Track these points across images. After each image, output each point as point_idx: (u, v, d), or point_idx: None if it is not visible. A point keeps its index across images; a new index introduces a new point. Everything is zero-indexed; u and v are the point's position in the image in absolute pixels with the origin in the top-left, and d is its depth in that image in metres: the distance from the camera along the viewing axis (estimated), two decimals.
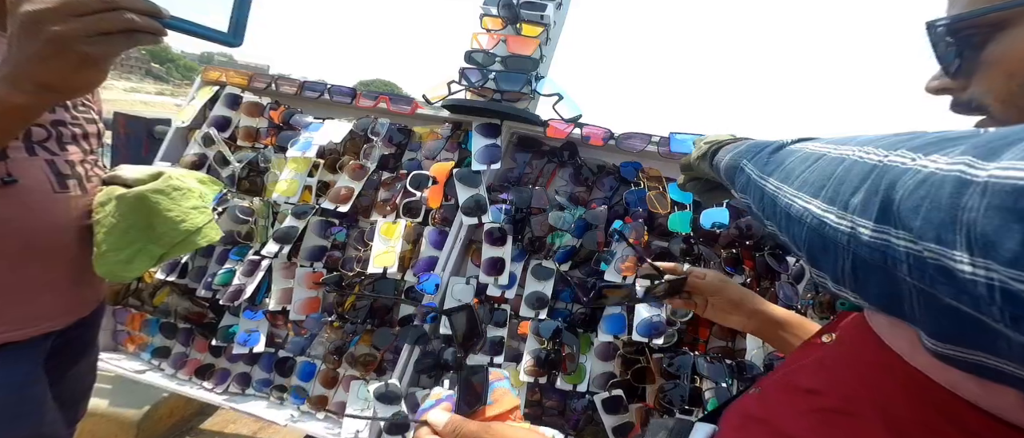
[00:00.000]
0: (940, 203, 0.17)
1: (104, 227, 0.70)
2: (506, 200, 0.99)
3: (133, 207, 0.72)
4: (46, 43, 0.37)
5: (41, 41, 0.37)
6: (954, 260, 0.16)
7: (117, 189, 0.72)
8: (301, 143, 1.08)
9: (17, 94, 0.40)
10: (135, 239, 0.72)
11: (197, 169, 1.15)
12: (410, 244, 1.05)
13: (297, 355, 1.13)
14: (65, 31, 0.37)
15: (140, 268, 0.73)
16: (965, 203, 0.16)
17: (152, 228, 0.74)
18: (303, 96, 1.13)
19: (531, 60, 0.90)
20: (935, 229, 0.17)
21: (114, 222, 0.70)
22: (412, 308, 1.05)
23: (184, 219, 0.77)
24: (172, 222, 0.75)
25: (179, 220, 0.76)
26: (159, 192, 0.75)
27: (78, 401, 0.86)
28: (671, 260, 0.91)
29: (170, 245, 0.76)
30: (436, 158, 1.04)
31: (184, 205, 0.78)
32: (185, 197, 0.78)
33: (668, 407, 0.91)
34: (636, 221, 0.90)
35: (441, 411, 0.42)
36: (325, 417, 1.12)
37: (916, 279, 0.18)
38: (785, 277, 0.84)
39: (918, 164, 0.19)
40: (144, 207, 0.73)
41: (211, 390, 1.14)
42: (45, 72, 0.39)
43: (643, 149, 0.91)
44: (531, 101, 0.95)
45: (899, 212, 0.19)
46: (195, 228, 0.78)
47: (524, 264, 1.00)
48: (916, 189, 0.18)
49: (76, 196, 0.69)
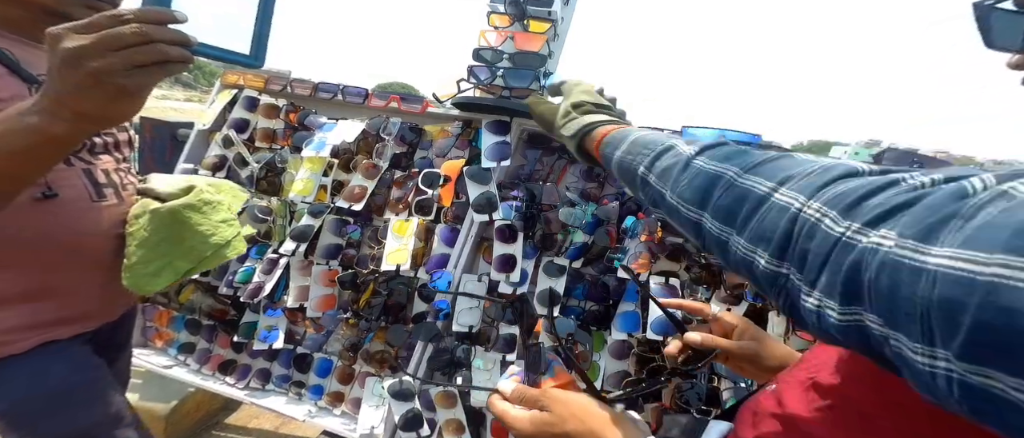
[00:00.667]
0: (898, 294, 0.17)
1: (136, 239, 0.72)
2: (517, 197, 0.98)
3: (165, 222, 0.73)
4: (86, 76, 0.39)
5: (81, 75, 0.39)
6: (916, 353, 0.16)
7: (152, 202, 0.74)
8: (315, 143, 1.10)
9: (57, 123, 0.42)
10: (164, 253, 0.74)
11: (218, 170, 1.19)
12: (422, 242, 1.06)
13: (314, 352, 1.15)
14: (103, 66, 0.39)
15: (165, 281, 0.75)
16: (919, 294, 0.16)
17: (182, 242, 0.75)
18: (317, 97, 1.15)
19: (539, 56, 0.89)
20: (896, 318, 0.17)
21: (145, 235, 0.72)
22: (425, 305, 1.06)
23: (214, 233, 0.78)
24: (202, 236, 0.76)
25: (209, 234, 0.77)
26: (191, 207, 0.76)
27: None
28: (685, 256, 0.89)
29: (198, 260, 0.77)
30: (447, 156, 1.05)
31: (214, 219, 0.79)
32: (215, 210, 0.80)
33: (685, 407, 0.89)
34: (649, 217, 0.88)
35: (510, 380, 0.48)
36: (342, 413, 1.14)
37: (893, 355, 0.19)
38: None
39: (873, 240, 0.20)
40: (176, 222, 0.75)
41: (233, 385, 1.18)
42: (84, 103, 0.41)
43: None
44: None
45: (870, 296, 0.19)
46: (224, 241, 0.79)
47: (536, 261, 1.00)
48: (879, 276, 0.19)
49: (113, 205, 0.71)
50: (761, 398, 0.39)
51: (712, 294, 0.87)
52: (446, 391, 1.04)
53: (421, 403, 1.04)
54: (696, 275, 0.90)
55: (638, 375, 0.94)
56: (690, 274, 0.90)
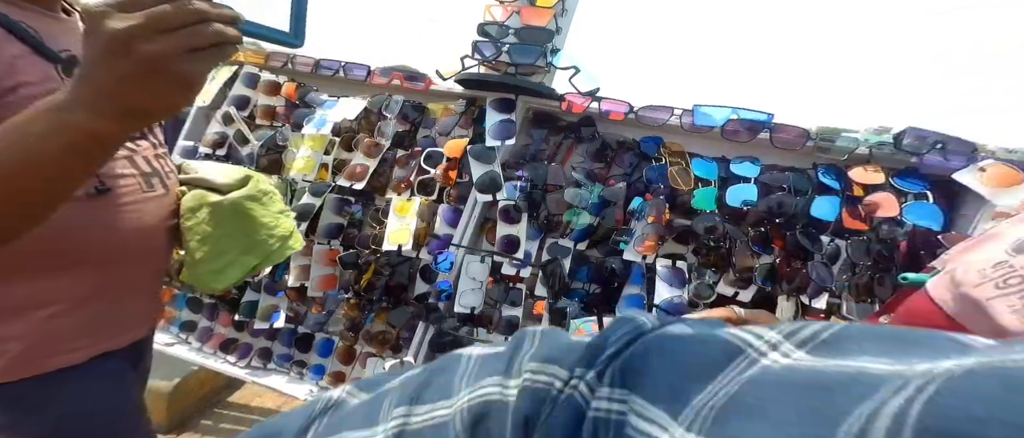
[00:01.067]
0: None
1: (197, 235, 0.66)
2: (521, 177, 0.96)
3: (228, 215, 0.68)
4: (138, 64, 0.33)
5: (132, 62, 0.33)
6: None
7: (209, 195, 0.68)
8: (316, 120, 1.08)
9: (101, 120, 0.35)
10: (229, 248, 0.69)
11: (218, 147, 1.17)
12: (425, 222, 1.05)
13: (316, 331, 1.15)
14: (157, 50, 0.33)
15: (232, 279, 0.70)
16: None
17: (247, 237, 0.70)
18: (318, 74, 1.13)
19: (546, 31, 0.86)
20: None
21: (209, 231, 0.66)
22: (427, 286, 1.05)
23: (276, 225, 0.73)
24: (267, 228, 0.71)
25: (272, 226, 0.72)
26: (253, 198, 0.71)
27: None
28: (694, 239, 0.87)
29: (265, 254, 0.72)
30: (450, 135, 1.03)
31: (273, 210, 0.74)
32: (273, 201, 0.75)
33: None
34: (657, 198, 0.86)
35: None
36: None
37: None
38: (818, 257, 0.79)
39: None
40: (239, 215, 0.69)
41: (235, 364, 1.18)
42: (135, 95, 0.34)
43: (665, 122, 0.86)
44: (547, 75, 0.91)
45: None
46: (287, 233, 0.74)
47: (540, 242, 0.98)
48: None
49: (160, 195, 0.64)
50: None
51: (720, 277, 0.86)
52: None
53: None
54: (704, 258, 0.88)
55: None
56: (698, 257, 0.89)
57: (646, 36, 1.89)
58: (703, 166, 0.84)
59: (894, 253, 0.75)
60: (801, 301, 0.82)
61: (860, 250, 0.78)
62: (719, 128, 0.82)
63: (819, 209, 0.77)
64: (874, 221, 0.76)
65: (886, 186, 0.75)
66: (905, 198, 0.75)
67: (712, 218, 0.83)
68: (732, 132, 0.82)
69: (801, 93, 1.11)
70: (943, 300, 0.27)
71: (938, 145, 0.71)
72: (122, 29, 0.32)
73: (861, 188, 0.76)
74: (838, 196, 0.77)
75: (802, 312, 0.83)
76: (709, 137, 0.86)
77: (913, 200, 0.74)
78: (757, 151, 0.84)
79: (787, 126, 0.80)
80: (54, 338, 0.56)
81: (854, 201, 0.76)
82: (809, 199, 0.78)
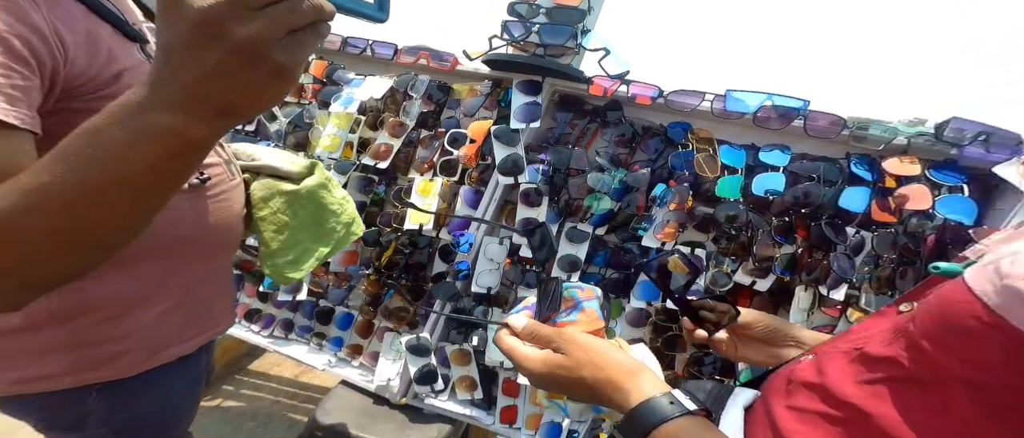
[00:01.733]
0: None
1: (273, 225, 0.64)
2: (544, 160, 0.97)
3: (305, 205, 0.67)
4: (231, 52, 0.27)
5: (223, 49, 0.27)
6: None
7: (280, 184, 0.66)
8: (343, 99, 1.09)
9: (192, 123, 0.29)
10: (302, 238, 0.68)
11: (247, 124, 1.20)
12: (446, 202, 1.06)
13: (336, 305, 1.19)
14: (256, 32, 0.27)
15: (307, 268, 0.69)
16: None
17: (319, 226, 0.69)
18: (346, 52, 1.14)
19: (578, 11, 0.86)
20: None
21: (286, 220, 0.65)
22: (445, 265, 1.07)
23: (342, 211, 0.72)
24: (335, 216, 0.70)
25: (340, 213, 0.71)
26: (323, 186, 0.69)
27: None
28: (716, 227, 0.87)
29: (335, 242, 0.71)
30: (474, 116, 1.03)
31: (338, 195, 0.73)
32: (335, 187, 0.73)
33: (698, 376, 0.89)
34: (681, 185, 0.86)
35: (521, 316, 0.44)
36: (359, 365, 1.18)
37: None
38: (842, 248, 0.78)
39: None
40: (315, 204, 0.68)
41: (258, 333, 1.23)
42: (231, 91, 0.29)
43: (695, 108, 0.85)
44: (575, 57, 0.91)
45: None
46: (351, 220, 0.73)
47: (559, 226, 0.99)
48: None
49: (238, 183, 0.61)
50: (796, 368, 0.38)
51: (739, 266, 0.86)
52: (462, 349, 1.06)
53: (437, 359, 1.06)
54: (723, 246, 0.88)
55: (653, 343, 0.94)
56: (718, 245, 0.89)
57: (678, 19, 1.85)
58: (731, 153, 0.83)
59: (920, 247, 0.74)
60: (819, 292, 0.82)
61: (886, 242, 0.77)
62: (751, 115, 0.81)
63: (848, 200, 0.76)
64: (903, 213, 0.75)
65: (921, 178, 0.73)
66: (938, 191, 0.73)
67: (735, 206, 0.83)
68: (764, 119, 0.81)
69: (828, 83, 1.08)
70: (984, 291, 0.27)
71: (982, 137, 0.69)
72: (209, 8, 0.26)
73: (894, 180, 0.75)
74: (869, 187, 0.76)
75: (819, 303, 0.83)
76: (739, 124, 0.85)
77: (947, 193, 0.73)
78: (788, 139, 0.83)
79: (822, 113, 0.78)
80: (167, 332, 0.56)
81: (885, 193, 0.75)
82: (838, 190, 0.77)
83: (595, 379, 0.37)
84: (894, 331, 0.32)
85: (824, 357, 0.36)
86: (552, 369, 0.39)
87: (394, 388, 1.06)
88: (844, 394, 0.31)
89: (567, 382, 0.38)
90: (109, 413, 0.54)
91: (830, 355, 0.35)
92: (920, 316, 0.30)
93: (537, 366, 0.39)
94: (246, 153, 0.68)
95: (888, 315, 0.36)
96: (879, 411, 0.29)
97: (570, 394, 0.40)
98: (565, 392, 0.40)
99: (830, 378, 0.33)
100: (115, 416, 0.55)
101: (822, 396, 0.33)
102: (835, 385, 0.32)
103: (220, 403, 1.48)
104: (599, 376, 0.37)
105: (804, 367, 0.37)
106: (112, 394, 0.53)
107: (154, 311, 0.54)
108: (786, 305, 0.85)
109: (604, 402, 0.37)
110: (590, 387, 0.37)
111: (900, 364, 0.29)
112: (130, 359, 0.53)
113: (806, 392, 0.34)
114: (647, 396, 0.34)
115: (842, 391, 0.31)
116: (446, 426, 1.03)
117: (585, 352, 0.38)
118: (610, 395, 0.36)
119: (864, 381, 0.31)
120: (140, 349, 0.54)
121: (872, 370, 0.31)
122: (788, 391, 0.36)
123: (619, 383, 0.36)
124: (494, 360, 1.03)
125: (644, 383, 0.36)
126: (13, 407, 0.53)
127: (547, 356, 0.39)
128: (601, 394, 0.37)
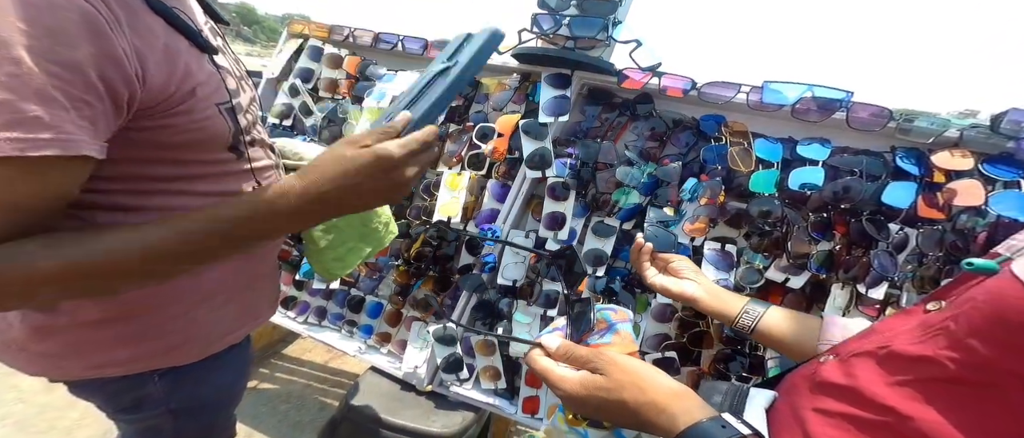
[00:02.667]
0: None
1: (322, 225, 0.66)
2: (572, 154, 0.97)
3: None
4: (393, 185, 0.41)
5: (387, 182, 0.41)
6: None
7: None
8: (376, 93, 1.13)
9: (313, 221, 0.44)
10: (347, 238, 0.69)
11: (285, 118, 1.26)
12: (473, 196, 1.08)
13: (367, 294, 1.23)
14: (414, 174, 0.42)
15: (351, 266, 0.71)
16: None
17: (364, 225, 0.71)
18: (378, 48, 1.17)
19: (610, 3, 0.85)
20: None
21: (333, 221, 0.66)
22: (472, 258, 1.09)
23: (381, 211, 0.73)
24: (377, 217, 0.71)
25: (380, 213, 0.72)
26: None
27: None
28: (748, 222, 0.85)
29: (377, 241, 0.72)
30: (503, 110, 1.04)
31: None
32: None
33: (725, 373, 0.88)
34: (714, 179, 0.84)
35: (555, 336, 0.43)
36: (388, 352, 1.22)
37: None
38: (884, 245, 0.75)
39: None
40: None
41: (294, 319, 1.29)
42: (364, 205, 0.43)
43: (730, 100, 0.83)
44: (605, 49, 0.90)
45: None
46: (388, 220, 0.74)
47: (585, 220, 0.99)
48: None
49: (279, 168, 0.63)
50: (820, 368, 0.36)
51: (771, 263, 0.84)
52: (486, 340, 1.08)
53: (462, 349, 1.09)
54: (755, 243, 0.86)
55: (679, 338, 0.93)
56: (749, 241, 0.87)
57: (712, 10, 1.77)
58: (767, 147, 0.81)
59: (970, 245, 0.71)
60: (856, 290, 0.79)
61: (932, 240, 0.73)
62: (790, 107, 0.78)
63: (892, 196, 0.73)
64: (952, 210, 0.72)
65: (973, 173, 0.70)
66: (992, 186, 0.70)
67: (770, 201, 0.81)
68: (803, 111, 0.78)
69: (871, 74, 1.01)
70: None
71: None
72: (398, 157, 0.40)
73: (943, 174, 0.71)
74: (916, 182, 0.73)
75: (857, 301, 0.80)
76: (777, 116, 0.83)
77: (1002, 188, 0.69)
78: (829, 132, 0.80)
79: (866, 105, 0.75)
80: (222, 324, 0.59)
81: (933, 188, 0.72)
82: (882, 185, 0.74)
83: (637, 401, 0.36)
84: (924, 329, 0.31)
85: (848, 358, 0.35)
86: (591, 391, 0.37)
87: (421, 375, 1.09)
88: (878, 396, 0.30)
89: (606, 404, 0.37)
90: (167, 396, 0.58)
91: (858, 356, 0.34)
92: (966, 314, 0.29)
93: (575, 388, 0.38)
94: (293, 151, 0.69)
95: (914, 314, 0.34)
96: (920, 413, 0.28)
97: (608, 417, 0.39)
98: (603, 415, 0.38)
99: (861, 380, 0.32)
100: (172, 398, 0.59)
101: (853, 399, 0.31)
102: (867, 387, 0.31)
103: (256, 385, 1.56)
104: (641, 399, 0.35)
105: (828, 368, 0.36)
106: (171, 379, 0.57)
107: (213, 307, 0.57)
108: (820, 303, 0.83)
109: (646, 426, 0.36)
110: (632, 410, 0.36)
111: (941, 364, 0.28)
112: (189, 349, 0.57)
113: (834, 394, 0.33)
114: (696, 420, 0.33)
115: (875, 393, 0.30)
116: (470, 414, 1.05)
117: (626, 373, 0.37)
118: (653, 418, 0.35)
119: (898, 382, 0.30)
120: (198, 340, 0.57)
121: (906, 371, 0.30)
122: (814, 393, 0.35)
123: (664, 406, 0.35)
124: (517, 352, 1.05)
125: (692, 406, 0.34)
126: (81, 389, 0.57)
127: (584, 377, 0.38)
128: (643, 417, 0.35)
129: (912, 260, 0.75)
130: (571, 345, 0.41)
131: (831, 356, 0.38)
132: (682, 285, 0.62)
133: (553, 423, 0.46)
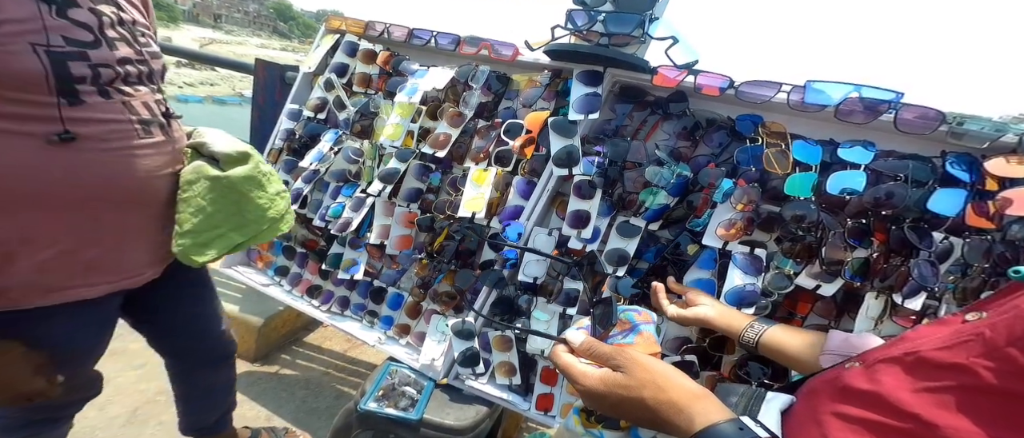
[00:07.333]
0: None
1: (191, 206, 0.66)
2: (600, 153, 0.96)
3: (225, 193, 0.68)
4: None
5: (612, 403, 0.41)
6: None
7: (208, 168, 0.68)
8: (408, 89, 1.15)
9: None
10: (219, 224, 0.69)
11: (319, 111, 1.30)
12: (499, 192, 1.09)
13: (389, 286, 1.25)
14: None
15: (215, 254, 0.70)
16: None
17: (240, 215, 0.71)
18: (411, 44, 1.20)
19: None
20: None
21: (203, 205, 0.67)
22: (494, 253, 1.10)
23: (270, 206, 0.73)
24: (260, 210, 0.72)
25: (267, 208, 0.72)
26: (251, 179, 0.71)
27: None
28: (781, 227, 0.83)
29: (254, 233, 0.72)
30: (533, 106, 1.05)
31: (271, 190, 0.74)
32: (271, 181, 0.74)
33: (745, 379, 0.85)
34: (750, 185, 0.82)
35: (579, 332, 0.44)
36: (406, 344, 1.23)
37: None
38: (925, 254, 0.72)
39: None
40: (236, 193, 0.69)
41: (317, 307, 1.32)
42: None
43: (769, 100, 0.80)
44: (640, 46, 0.90)
45: None
46: (279, 215, 0.74)
47: (610, 220, 0.98)
48: None
49: (160, 141, 0.64)
50: (844, 373, 0.36)
51: (803, 268, 0.81)
52: (503, 335, 1.08)
53: (479, 343, 1.09)
54: (786, 247, 0.84)
55: (700, 342, 0.91)
56: (780, 246, 0.85)
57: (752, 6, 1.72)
58: (805, 149, 0.78)
59: (1020, 256, 0.67)
60: (892, 300, 0.75)
61: (978, 250, 0.70)
62: (833, 108, 0.76)
63: (939, 203, 0.70)
64: (1003, 219, 0.68)
65: None
66: None
67: (805, 205, 0.78)
68: (848, 113, 0.75)
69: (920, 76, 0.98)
70: None
71: None
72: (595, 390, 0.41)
73: (996, 182, 0.68)
74: (966, 189, 0.69)
75: (891, 312, 0.77)
76: (818, 117, 0.80)
77: None
78: (874, 135, 0.77)
79: (915, 107, 0.71)
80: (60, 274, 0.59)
81: (984, 196, 0.68)
82: (928, 191, 0.71)
83: (656, 400, 0.36)
84: (957, 336, 0.30)
85: (875, 364, 0.34)
86: (611, 388, 0.38)
87: (438, 367, 1.10)
88: (901, 402, 0.29)
89: (625, 401, 0.38)
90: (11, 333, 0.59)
91: (884, 362, 0.33)
92: (1007, 322, 0.28)
93: (595, 384, 0.39)
94: (197, 131, 0.72)
95: (951, 323, 0.33)
96: (948, 422, 0.27)
97: (627, 415, 0.39)
98: (621, 412, 0.39)
99: (885, 386, 0.31)
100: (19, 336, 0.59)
101: (875, 404, 0.31)
102: (891, 393, 0.30)
103: (277, 370, 1.60)
104: (660, 397, 0.36)
105: (853, 374, 0.35)
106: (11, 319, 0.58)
107: (40, 255, 0.57)
108: (851, 312, 0.80)
109: (663, 425, 0.36)
110: (650, 408, 0.36)
111: (974, 372, 0.27)
112: (18, 294, 0.57)
113: (856, 400, 0.32)
114: (713, 421, 0.33)
115: (899, 399, 0.29)
116: (483, 408, 1.05)
117: (647, 372, 0.38)
118: (671, 418, 0.35)
119: (925, 389, 0.29)
120: (29, 287, 0.58)
121: (934, 378, 0.29)
122: (835, 398, 0.34)
123: (682, 406, 0.35)
124: (534, 349, 1.05)
125: (710, 408, 0.35)
126: None
127: (605, 374, 0.39)
128: (661, 416, 0.36)
129: (955, 271, 0.72)
130: (594, 341, 0.42)
131: (857, 362, 0.37)
132: (696, 310, 0.73)
133: (568, 424, 0.46)
